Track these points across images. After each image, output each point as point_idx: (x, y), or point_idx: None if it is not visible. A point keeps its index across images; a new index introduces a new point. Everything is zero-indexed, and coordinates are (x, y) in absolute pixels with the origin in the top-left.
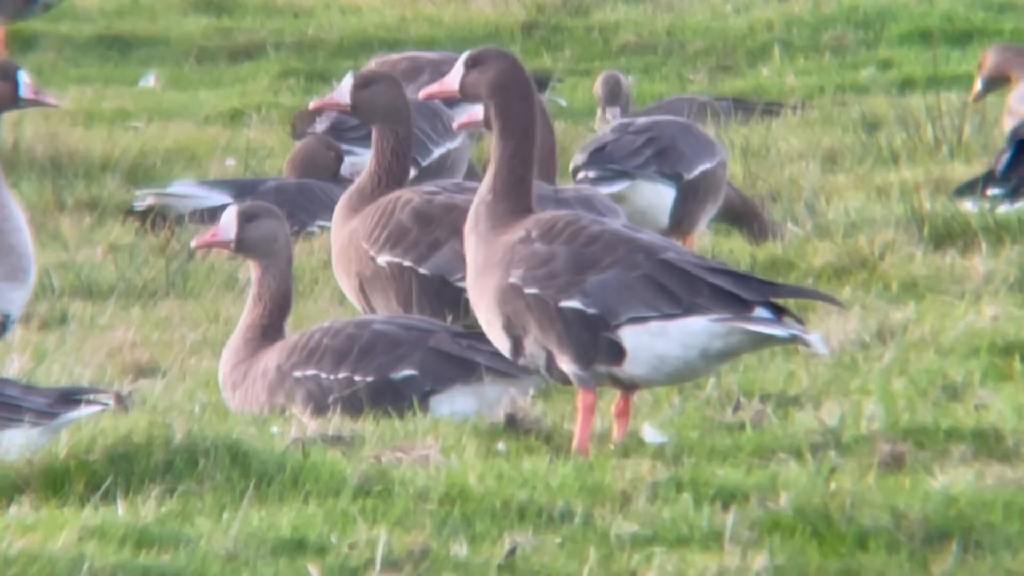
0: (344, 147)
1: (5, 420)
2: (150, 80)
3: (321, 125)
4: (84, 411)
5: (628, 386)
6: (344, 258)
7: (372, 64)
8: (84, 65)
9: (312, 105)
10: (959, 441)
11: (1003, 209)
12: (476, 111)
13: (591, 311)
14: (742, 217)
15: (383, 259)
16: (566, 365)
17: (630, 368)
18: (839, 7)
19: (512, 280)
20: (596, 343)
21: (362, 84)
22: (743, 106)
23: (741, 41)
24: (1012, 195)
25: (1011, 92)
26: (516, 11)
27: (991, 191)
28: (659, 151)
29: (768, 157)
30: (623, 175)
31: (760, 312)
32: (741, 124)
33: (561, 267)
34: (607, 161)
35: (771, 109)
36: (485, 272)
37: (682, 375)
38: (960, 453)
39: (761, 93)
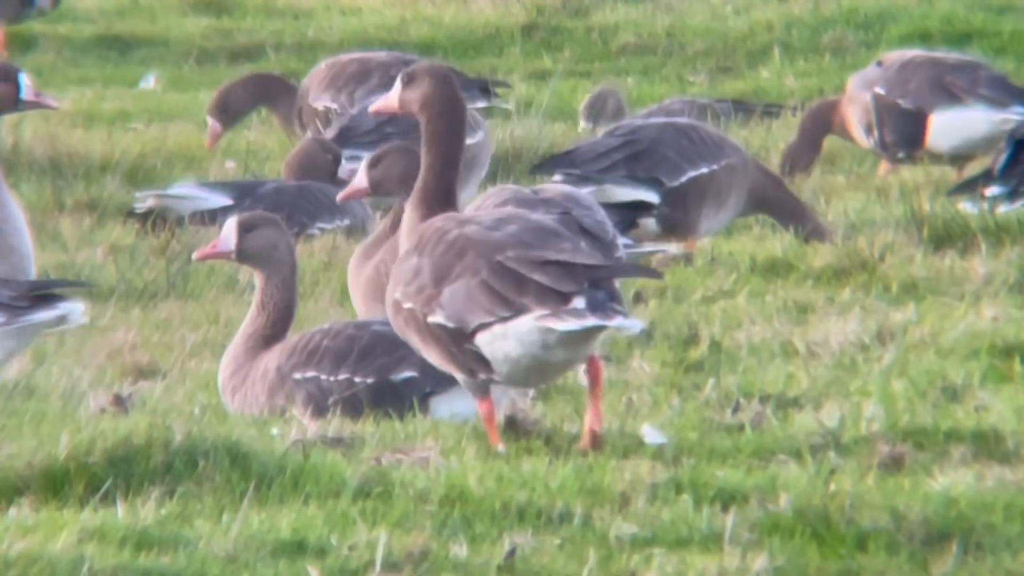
0: (352, 152)
1: None
2: (150, 81)
3: (330, 132)
4: (51, 313)
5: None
6: (373, 289)
7: (322, 66)
8: (84, 66)
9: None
10: (959, 442)
11: (1002, 209)
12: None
13: (451, 325)
14: (777, 211)
15: None
16: (456, 376)
17: (500, 372)
18: (839, 8)
19: (396, 295)
20: (464, 354)
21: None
22: (743, 108)
23: (741, 42)
24: (1011, 195)
25: (849, 80)
26: (516, 12)
27: (990, 191)
28: (633, 155)
29: (768, 159)
30: (585, 180)
31: (576, 303)
32: (741, 126)
33: (426, 279)
34: (568, 166)
35: (771, 111)
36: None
37: (546, 373)
38: (960, 454)
39: (761, 95)
